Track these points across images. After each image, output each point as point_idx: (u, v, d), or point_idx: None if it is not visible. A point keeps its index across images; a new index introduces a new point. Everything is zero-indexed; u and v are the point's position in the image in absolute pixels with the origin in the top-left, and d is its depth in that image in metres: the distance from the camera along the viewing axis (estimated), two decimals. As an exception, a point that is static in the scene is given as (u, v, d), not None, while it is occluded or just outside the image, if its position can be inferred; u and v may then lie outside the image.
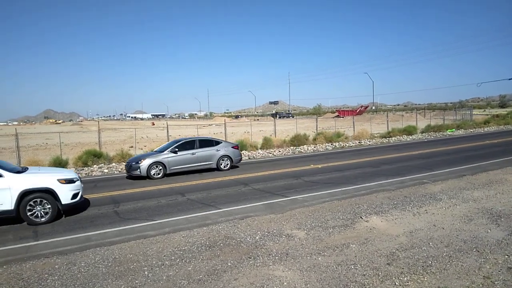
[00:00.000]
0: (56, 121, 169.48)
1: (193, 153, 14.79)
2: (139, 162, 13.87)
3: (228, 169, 15.41)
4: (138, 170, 13.72)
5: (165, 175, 14.18)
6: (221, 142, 15.95)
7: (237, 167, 16.27)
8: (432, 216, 7.62)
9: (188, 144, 15.03)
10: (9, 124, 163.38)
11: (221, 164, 15.34)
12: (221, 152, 15.40)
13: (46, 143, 32.32)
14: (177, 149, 14.56)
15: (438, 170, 13.15)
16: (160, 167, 14.03)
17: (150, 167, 13.81)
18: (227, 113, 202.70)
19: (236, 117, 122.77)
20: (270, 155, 20.49)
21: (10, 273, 5.61)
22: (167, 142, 17.01)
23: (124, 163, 17.66)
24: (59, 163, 16.91)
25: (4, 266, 5.90)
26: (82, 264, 5.86)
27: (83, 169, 16.55)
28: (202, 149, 15.07)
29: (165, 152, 14.51)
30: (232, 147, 15.98)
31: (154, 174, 13.87)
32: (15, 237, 7.61)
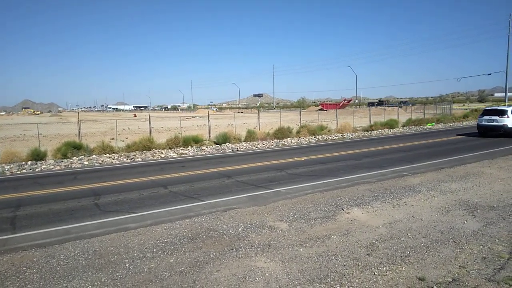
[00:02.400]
0: (34, 111, 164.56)
1: None
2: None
3: None
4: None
5: None
6: None
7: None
8: (411, 207, 7.79)
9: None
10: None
11: None
12: None
13: (24, 135, 31.49)
14: None
15: (418, 163, 13.43)
16: None
17: None
18: (211, 105, 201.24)
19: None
20: (254, 147, 20.49)
21: (-14, 267, 5.48)
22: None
23: (104, 155, 17.42)
24: (37, 155, 16.51)
25: (-20, 260, 5.75)
26: (62, 257, 5.77)
27: (62, 161, 16.19)
28: None
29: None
30: None
31: None
32: (-9, 230, 7.41)
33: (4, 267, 5.48)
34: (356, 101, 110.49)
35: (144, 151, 18.69)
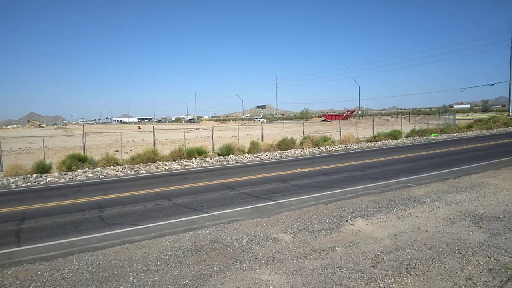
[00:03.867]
0: (40, 124, 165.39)
1: None
2: None
3: None
4: None
5: None
6: None
7: None
8: (416, 219, 7.74)
9: None
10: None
11: None
12: None
13: (29, 147, 31.70)
14: None
15: (422, 173, 13.37)
16: None
17: None
18: (215, 117, 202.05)
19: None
20: (257, 159, 20.50)
21: (-9, 280, 5.49)
22: None
23: (109, 168, 17.50)
24: (42, 168, 16.60)
25: (-16, 273, 5.77)
26: (66, 270, 5.77)
27: (67, 174, 16.27)
28: None
29: None
30: None
31: None
32: (-4, 243, 7.44)
33: (8, 280, 5.49)
34: (359, 112, 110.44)
35: (148, 163, 18.75)
